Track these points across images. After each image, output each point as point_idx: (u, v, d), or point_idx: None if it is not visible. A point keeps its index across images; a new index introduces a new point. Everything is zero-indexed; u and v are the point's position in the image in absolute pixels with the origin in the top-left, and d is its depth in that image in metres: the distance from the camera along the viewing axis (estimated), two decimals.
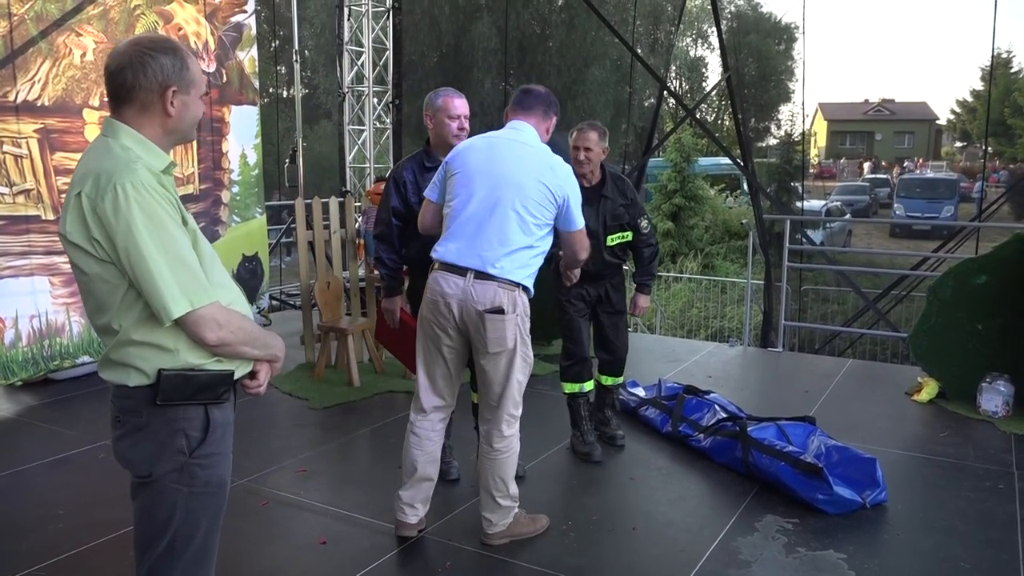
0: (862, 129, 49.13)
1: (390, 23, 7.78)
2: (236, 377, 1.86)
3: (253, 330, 1.86)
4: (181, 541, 1.82)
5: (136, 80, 1.75)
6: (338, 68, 8.04)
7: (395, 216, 3.43)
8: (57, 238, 4.70)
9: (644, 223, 4.04)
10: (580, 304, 3.98)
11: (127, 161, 1.71)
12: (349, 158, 8.13)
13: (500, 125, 3.30)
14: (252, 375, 1.91)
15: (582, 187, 3.90)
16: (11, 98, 4.54)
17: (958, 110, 46.02)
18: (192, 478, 1.80)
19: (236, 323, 1.79)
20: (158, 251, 1.66)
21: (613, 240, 3.98)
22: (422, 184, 3.33)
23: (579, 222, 3.03)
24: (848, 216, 22.78)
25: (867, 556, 3.01)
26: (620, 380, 4.24)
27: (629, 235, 4.02)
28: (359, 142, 7.98)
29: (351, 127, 8.07)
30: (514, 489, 3.03)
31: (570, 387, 4.03)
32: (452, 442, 3.72)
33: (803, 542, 3.10)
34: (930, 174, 29.82)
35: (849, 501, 3.32)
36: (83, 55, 4.87)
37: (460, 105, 3.42)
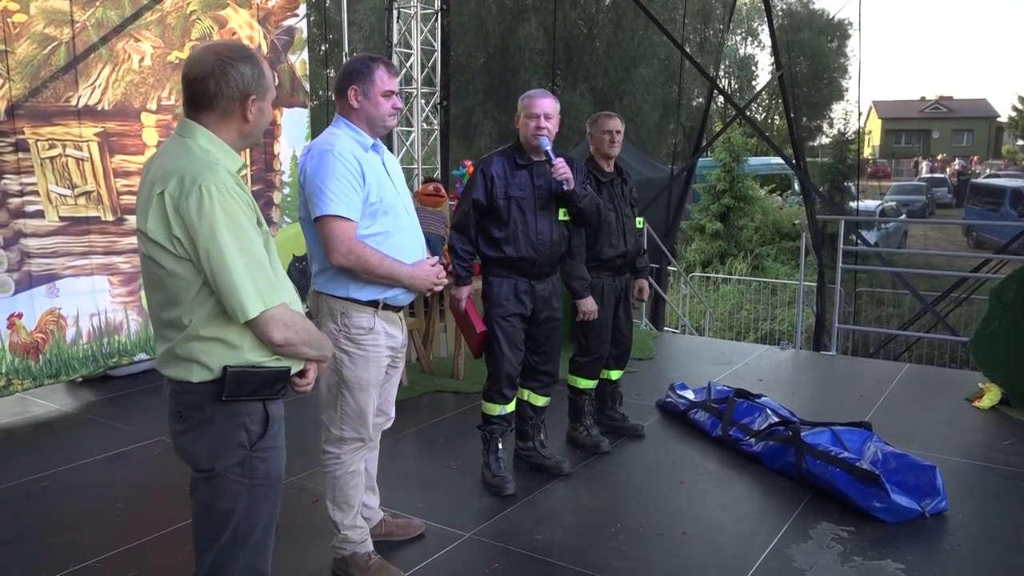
0: (918, 127, 47.91)
1: (438, 25, 7.81)
2: (291, 374, 1.91)
3: (312, 331, 1.93)
4: (243, 532, 1.87)
5: (219, 89, 1.78)
6: None
7: (475, 208, 3.40)
8: (116, 238, 4.88)
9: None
10: (611, 299, 3.97)
11: (208, 163, 1.75)
12: (397, 159, 8.18)
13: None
14: (301, 373, 1.95)
15: (603, 172, 3.92)
16: (73, 102, 4.67)
17: (1020, 106, 44.55)
18: (253, 471, 1.85)
19: (300, 324, 1.86)
20: (239, 252, 1.71)
21: (638, 224, 4.06)
22: (511, 181, 3.37)
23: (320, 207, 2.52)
24: (904, 216, 22.10)
25: (927, 566, 2.91)
26: (622, 372, 4.31)
27: (641, 221, 4.10)
28: (407, 143, 8.03)
29: (399, 128, 8.13)
30: (341, 518, 2.81)
31: (586, 383, 4.00)
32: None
33: (859, 551, 3.02)
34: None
35: (907, 510, 3.22)
36: (141, 60, 4.99)
37: (540, 105, 3.34)
